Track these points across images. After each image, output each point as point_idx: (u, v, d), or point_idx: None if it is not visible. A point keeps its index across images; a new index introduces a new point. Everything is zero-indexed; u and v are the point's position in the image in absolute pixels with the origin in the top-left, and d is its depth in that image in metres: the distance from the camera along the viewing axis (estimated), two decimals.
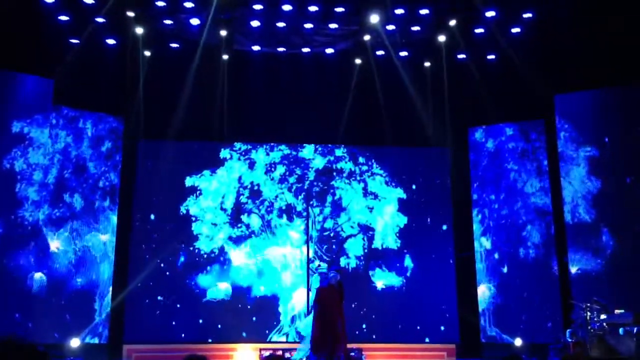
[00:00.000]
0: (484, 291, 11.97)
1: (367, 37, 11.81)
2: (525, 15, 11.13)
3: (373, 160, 12.65)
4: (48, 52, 10.78)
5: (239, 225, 12.15)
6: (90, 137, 11.61)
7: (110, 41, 11.44)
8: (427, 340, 11.61)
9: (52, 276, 10.80)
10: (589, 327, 9.23)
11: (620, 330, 8.77)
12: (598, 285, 10.48)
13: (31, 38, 10.51)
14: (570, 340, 9.55)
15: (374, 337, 11.63)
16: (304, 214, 12.16)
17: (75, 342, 10.58)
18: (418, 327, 11.64)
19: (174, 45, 11.83)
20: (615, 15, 10.40)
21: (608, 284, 10.45)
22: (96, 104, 11.63)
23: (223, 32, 11.47)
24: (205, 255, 11.91)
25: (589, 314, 9.41)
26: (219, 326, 11.63)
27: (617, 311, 9.23)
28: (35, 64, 10.67)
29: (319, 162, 12.59)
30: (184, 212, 12.03)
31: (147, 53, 11.75)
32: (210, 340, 11.42)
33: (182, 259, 11.81)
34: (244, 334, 11.60)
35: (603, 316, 9.27)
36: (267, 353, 10.55)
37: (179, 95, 11.88)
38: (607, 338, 8.53)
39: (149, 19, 11.26)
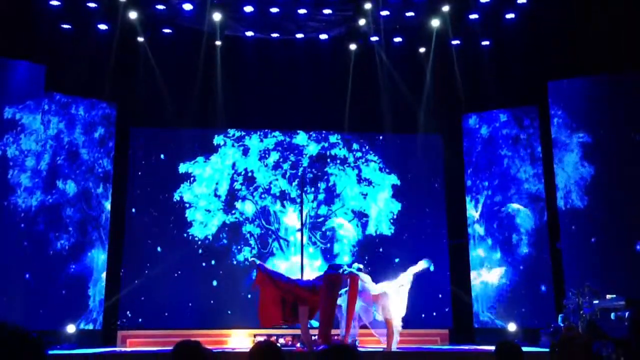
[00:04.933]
0: (477, 277, 12.04)
1: (361, 23, 11.76)
2: (520, 1, 11.10)
3: (367, 147, 12.65)
4: (40, 38, 10.69)
5: (233, 211, 12.15)
6: (83, 124, 11.55)
7: (102, 27, 11.34)
8: (420, 325, 11.66)
9: (46, 263, 10.79)
10: (581, 312, 9.31)
11: (612, 315, 8.85)
12: (590, 271, 10.55)
13: (23, 24, 10.43)
14: (562, 325, 9.64)
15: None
16: (298, 200, 12.17)
17: (70, 329, 10.60)
18: (411, 313, 11.68)
19: (167, 31, 11.76)
20: (609, 2, 10.39)
21: (600, 270, 10.51)
22: (88, 90, 11.56)
23: (216, 18, 11.41)
24: (199, 242, 11.92)
25: (581, 299, 9.49)
26: (214, 312, 11.66)
27: (608, 296, 9.32)
28: (27, 49, 10.58)
29: (313, 149, 12.58)
30: (178, 198, 12.02)
31: (140, 39, 11.67)
32: (204, 327, 11.43)
33: (175, 245, 11.81)
34: (238, 320, 11.63)
35: (595, 301, 9.35)
36: (261, 339, 10.59)
37: (172, 81, 11.83)
38: (598, 322, 8.60)
39: (141, 4, 11.18)
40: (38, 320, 10.21)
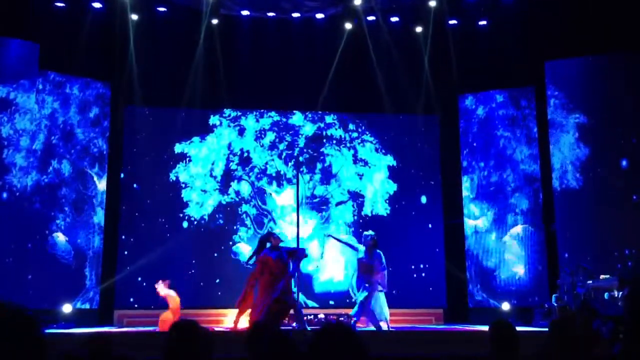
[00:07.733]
0: (472, 257, 12.09)
1: (357, 2, 11.66)
2: None
3: (363, 127, 12.62)
4: (33, 16, 10.56)
5: (229, 192, 12.15)
6: (78, 103, 11.48)
7: (97, 5, 11.22)
8: (415, 305, 11.74)
9: (42, 242, 10.79)
10: (575, 292, 9.39)
11: (605, 295, 8.93)
12: (584, 251, 10.61)
13: (16, 1, 10.30)
14: (555, 304, 9.72)
15: None
16: (294, 180, 12.15)
17: (67, 308, 10.63)
18: (406, 293, 11.77)
19: (162, 9, 11.63)
20: None
21: (594, 250, 10.58)
22: (83, 69, 11.44)
23: None
24: (195, 222, 11.93)
25: (574, 279, 9.57)
26: (210, 292, 11.70)
27: (602, 276, 9.39)
28: (20, 28, 10.46)
29: (309, 129, 12.54)
30: (174, 178, 11.99)
31: (134, 17, 11.55)
32: (201, 306, 11.47)
33: (171, 225, 11.81)
34: (234, 300, 11.64)
35: (589, 281, 9.43)
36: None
37: (167, 60, 11.74)
38: (592, 302, 8.69)
39: None
40: (34, 299, 10.21)
